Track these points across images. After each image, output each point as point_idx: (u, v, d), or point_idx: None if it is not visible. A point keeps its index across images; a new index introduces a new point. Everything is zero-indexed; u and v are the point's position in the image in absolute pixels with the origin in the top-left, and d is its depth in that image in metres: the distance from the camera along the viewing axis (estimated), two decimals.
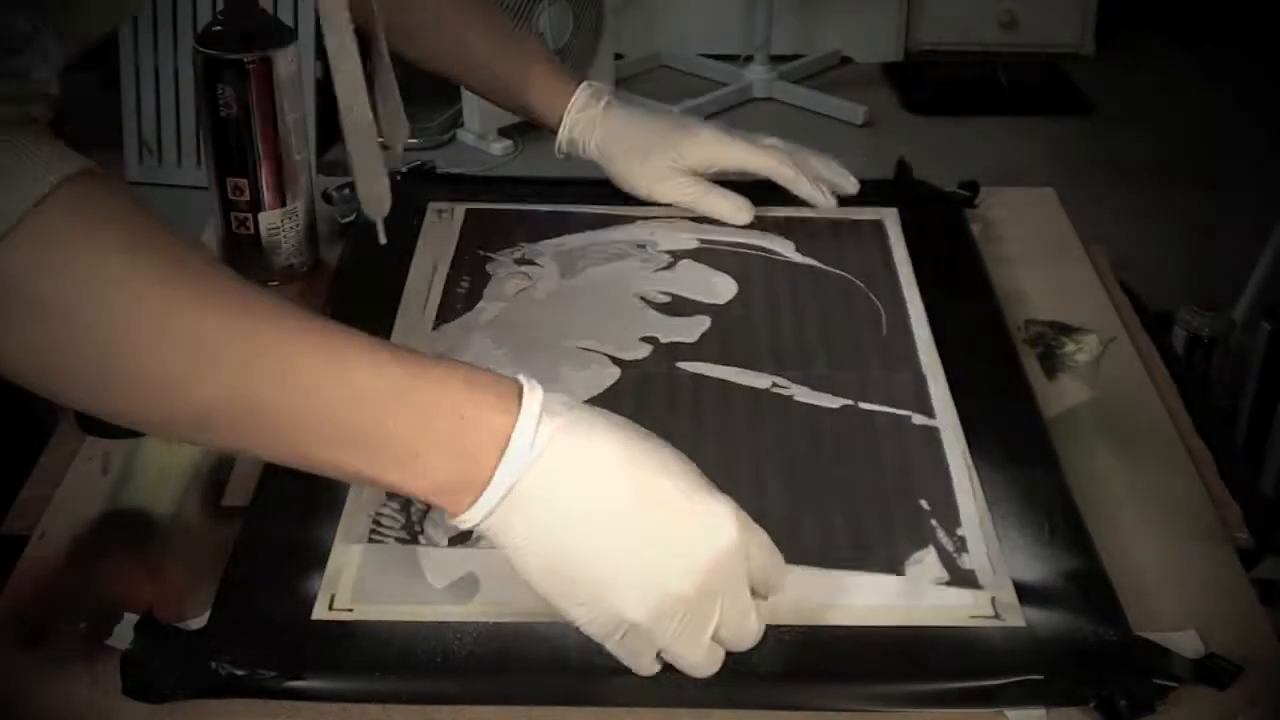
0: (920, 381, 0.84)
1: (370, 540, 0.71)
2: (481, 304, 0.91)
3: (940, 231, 1.01)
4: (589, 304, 0.91)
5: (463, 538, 0.70)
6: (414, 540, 0.71)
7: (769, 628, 0.66)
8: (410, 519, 0.72)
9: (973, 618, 0.67)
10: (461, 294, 0.92)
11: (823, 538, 0.72)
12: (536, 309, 0.91)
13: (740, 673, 0.64)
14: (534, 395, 0.60)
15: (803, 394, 0.82)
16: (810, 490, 0.75)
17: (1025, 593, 0.68)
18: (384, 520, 0.72)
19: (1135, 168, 3.05)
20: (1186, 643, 0.66)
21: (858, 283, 0.94)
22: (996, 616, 0.67)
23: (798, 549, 0.71)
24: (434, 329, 0.89)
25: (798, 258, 0.97)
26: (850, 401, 0.82)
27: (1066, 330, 0.92)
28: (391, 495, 0.73)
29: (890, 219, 1.02)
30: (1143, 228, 2.74)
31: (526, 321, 0.89)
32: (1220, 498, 0.78)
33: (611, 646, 0.61)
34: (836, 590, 0.68)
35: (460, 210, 1.02)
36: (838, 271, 0.95)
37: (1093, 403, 0.85)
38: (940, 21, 3.61)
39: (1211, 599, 0.70)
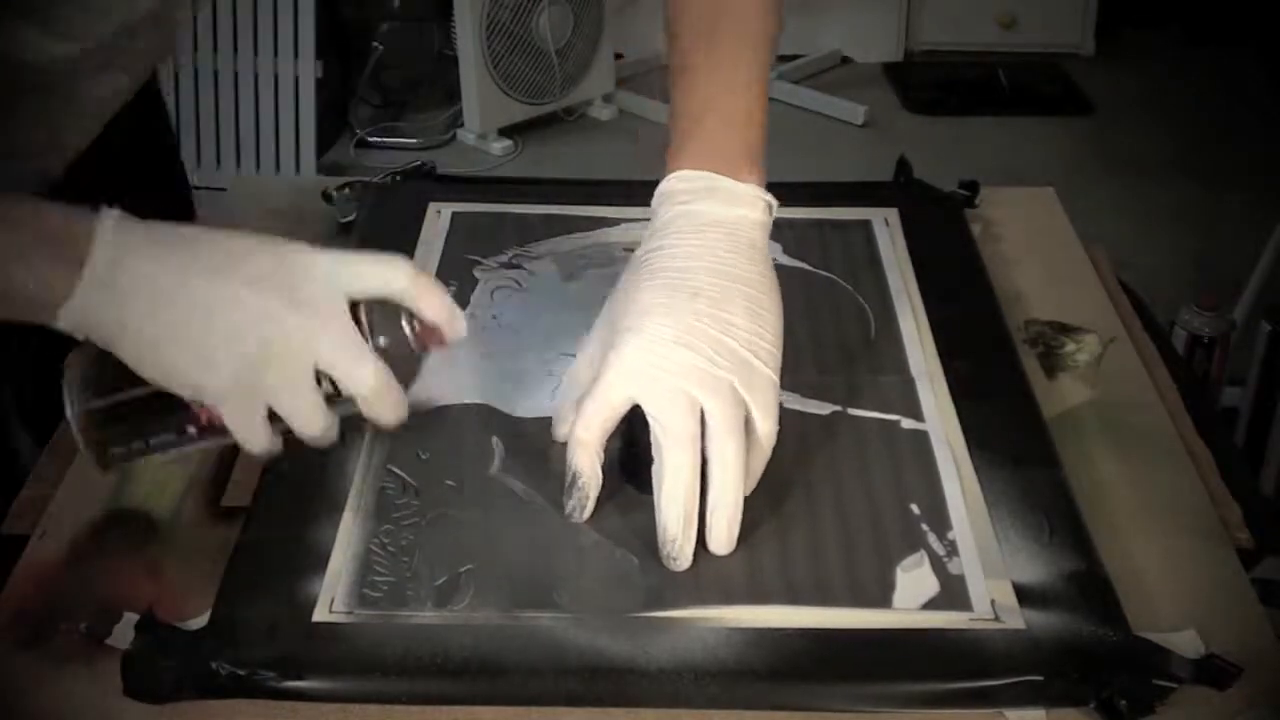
0: (909, 385, 0.83)
1: (362, 601, 0.68)
2: (469, 309, 0.91)
3: (940, 231, 1.00)
4: (578, 309, 0.90)
5: (449, 592, 0.69)
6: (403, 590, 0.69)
7: (769, 629, 0.66)
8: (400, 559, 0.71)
9: (972, 619, 0.67)
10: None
11: (813, 546, 0.71)
12: (525, 314, 0.90)
13: (740, 673, 0.64)
14: (110, 211, 0.66)
15: (792, 400, 0.82)
16: (800, 498, 0.75)
17: (1025, 594, 0.68)
18: (377, 566, 0.70)
19: (1135, 167, 3.05)
20: (1186, 643, 0.66)
21: (846, 285, 0.94)
22: (996, 618, 0.67)
23: (788, 557, 0.71)
24: None
25: (786, 260, 0.96)
26: (839, 408, 0.82)
27: (1066, 330, 0.92)
28: (382, 520, 0.73)
29: (890, 218, 1.01)
30: (1143, 227, 2.74)
31: (514, 327, 0.89)
32: (1220, 498, 0.78)
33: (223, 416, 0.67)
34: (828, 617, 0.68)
35: (447, 213, 1.02)
36: (826, 274, 0.95)
37: (1093, 403, 0.85)
38: (940, 21, 3.62)
39: (1211, 599, 0.70)
